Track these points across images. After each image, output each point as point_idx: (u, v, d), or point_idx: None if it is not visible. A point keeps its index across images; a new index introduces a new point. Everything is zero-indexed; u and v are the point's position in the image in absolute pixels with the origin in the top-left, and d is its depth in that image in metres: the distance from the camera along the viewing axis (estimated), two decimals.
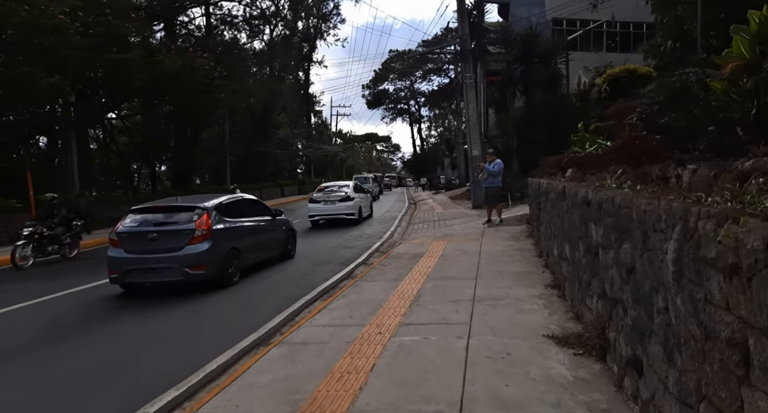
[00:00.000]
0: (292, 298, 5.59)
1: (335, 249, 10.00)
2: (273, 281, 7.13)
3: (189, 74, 15.40)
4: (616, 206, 2.55)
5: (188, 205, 6.95)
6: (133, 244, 6.47)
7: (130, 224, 6.68)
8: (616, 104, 8.78)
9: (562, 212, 4.70)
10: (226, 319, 5.20)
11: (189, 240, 6.40)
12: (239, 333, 4.19)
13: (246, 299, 6.14)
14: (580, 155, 6.14)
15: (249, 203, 8.44)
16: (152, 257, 6.34)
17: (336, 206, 14.33)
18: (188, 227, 6.47)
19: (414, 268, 6.86)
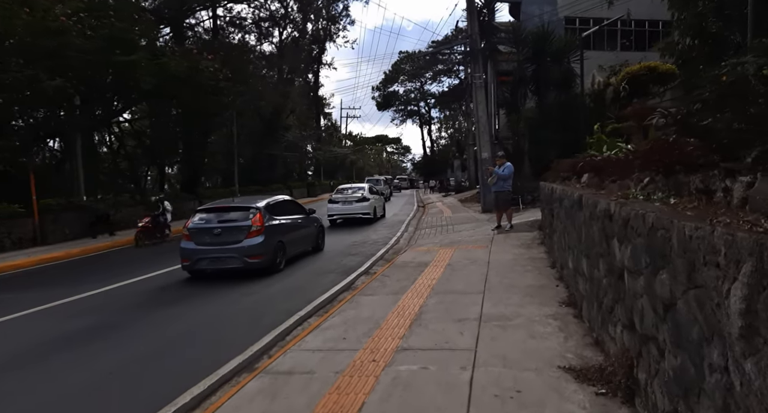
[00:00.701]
0: (290, 311, 5.22)
1: (338, 257, 9.61)
2: (270, 293, 6.77)
3: (194, 76, 15.18)
4: (649, 225, 2.11)
5: (244, 205, 8.24)
6: (202, 237, 7.76)
7: (198, 221, 8.03)
8: (635, 103, 8.30)
9: (579, 222, 4.25)
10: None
11: (247, 234, 7.68)
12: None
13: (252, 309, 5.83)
14: (597, 158, 5.67)
15: (289, 203, 9.71)
16: (218, 249, 7.68)
17: (353, 207, 15.53)
18: (246, 224, 7.78)
19: (418, 279, 6.43)
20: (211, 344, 4.61)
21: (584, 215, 3.94)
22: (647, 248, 2.16)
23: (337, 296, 6.14)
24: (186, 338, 4.89)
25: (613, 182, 4.06)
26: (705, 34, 15.25)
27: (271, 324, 4.78)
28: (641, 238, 2.27)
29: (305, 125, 46.49)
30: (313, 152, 47.46)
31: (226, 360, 3.78)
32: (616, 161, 4.41)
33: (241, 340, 4.31)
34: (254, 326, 4.88)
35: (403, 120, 65.90)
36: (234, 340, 4.44)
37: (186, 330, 5.14)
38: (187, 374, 3.61)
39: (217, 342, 4.66)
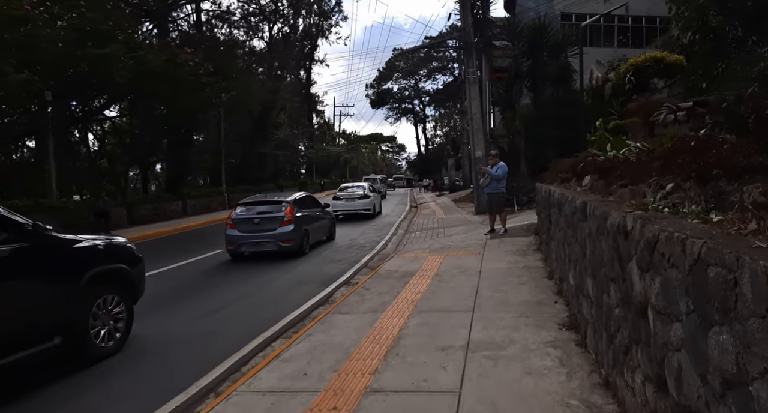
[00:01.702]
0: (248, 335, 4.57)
1: (321, 263, 8.97)
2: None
3: (173, 71, 14.43)
4: (693, 256, 1.48)
5: (276, 200, 10.04)
6: (244, 226, 9.47)
7: (240, 212, 9.78)
8: (638, 98, 7.71)
9: (583, 235, 3.62)
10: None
11: (280, 223, 9.36)
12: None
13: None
14: (600, 159, 5.06)
15: (309, 198, 11.25)
16: (257, 235, 9.36)
17: (356, 203, 17.13)
18: (279, 215, 9.45)
19: (401, 293, 5.79)
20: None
21: (590, 226, 3.31)
22: (690, 288, 1.53)
23: (310, 313, 5.49)
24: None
25: (623, 187, 3.43)
26: (706, 29, 14.64)
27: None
28: (678, 272, 1.63)
29: (297, 123, 45.75)
30: (305, 150, 46.72)
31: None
32: (626, 162, 3.79)
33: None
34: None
35: (397, 118, 65.38)
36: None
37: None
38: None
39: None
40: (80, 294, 4.11)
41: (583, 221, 3.60)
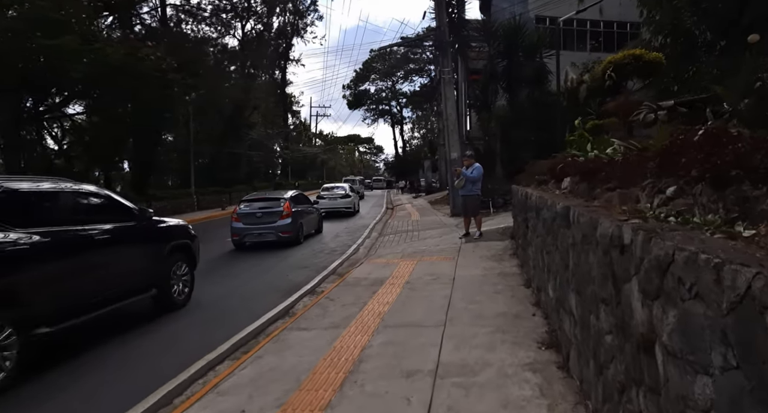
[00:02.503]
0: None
1: (287, 269, 8.41)
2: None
3: (134, 65, 13.57)
4: (740, 292, 1.04)
5: (275, 196, 11.46)
6: (247, 219, 10.77)
7: (244, 207, 11.07)
8: (617, 97, 7.48)
9: (565, 243, 3.22)
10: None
11: (280, 217, 10.67)
12: None
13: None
14: (581, 159, 4.70)
15: (302, 195, 12.81)
16: (259, 227, 10.66)
17: (338, 202, 18.84)
18: (279, 209, 10.75)
19: (368, 304, 5.31)
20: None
21: (573, 235, 2.91)
22: (732, 335, 1.09)
23: (266, 328, 4.94)
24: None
25: (610, 190, 3.04)
26: (677, 33, 14.73)
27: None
28: (706, 307, 1.20)
29: (272, 123, 44.74)
30: (281, 151, 45.74)
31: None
32: (611, 163, 3.40)
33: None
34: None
35: (374, 119, 64.89)
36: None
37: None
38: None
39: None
40: (165, 260, 5.81)
41: (566, 229, 3.19)
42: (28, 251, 3.96)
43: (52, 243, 4.23)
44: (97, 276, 4.76)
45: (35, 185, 4.50)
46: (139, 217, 5.56)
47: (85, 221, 4.79)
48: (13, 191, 4.19)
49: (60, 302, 4.28)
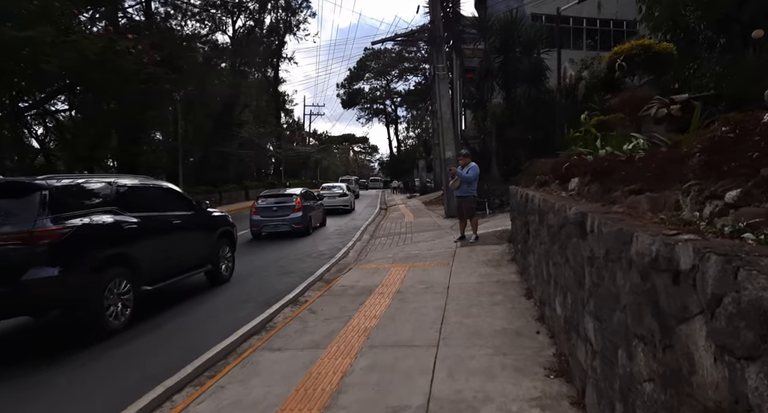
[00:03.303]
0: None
1: (270, 276, 7.88)
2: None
3: (112, 59, 12.94)
4: None
5: (288, 193, 13.09)
6: (264, 212, 12.31)
7: (261, 202, 12.61)
8: (624, 92, 7.01)
9: (579, 256, 2.72)
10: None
11: (293, 211, 12.27)
12: None
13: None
14: (588, 158, 4.22)
15: (310, 193, 14.51)
16: (275, 219, 12.22)
17: (336, 200, 20.05)
18: (292, 204, 12.39)
19: (353, 318, 4.79)
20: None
21: (591, 248, 2.41)
22: None
23: (239, 346, 4.41)
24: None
25: (635, 193, 2.54)
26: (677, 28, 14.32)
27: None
28: None
29: (264, 122, 44.07)
30: (273, 150, 45.07)
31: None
32: (631, 161, 2.91)
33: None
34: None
35: (369, 119, 64.44)
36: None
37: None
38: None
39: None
40: (215, 242, 7.10)
41: (579, 239, 2.70)
42: (135, 229, 5.37)
43: (147, 224, 5.57)
44: (175, 251, 6.14)
45: (132, 181, 5.87)
46: (197, 208, 6.95)
47: (162, 208, 6.11)
48: (120, 185, 5.56)
49: (154, 268, 5.62)
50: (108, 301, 4.86)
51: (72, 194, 4.95)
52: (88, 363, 4.16)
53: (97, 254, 4.81)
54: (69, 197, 4.84)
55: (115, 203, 5.29)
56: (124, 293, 5.06)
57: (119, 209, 5.27)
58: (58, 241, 4.43)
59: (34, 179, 4.70)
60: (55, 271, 4.34)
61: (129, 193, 5.60)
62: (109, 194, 5.33)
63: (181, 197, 6.81)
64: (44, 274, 4.28)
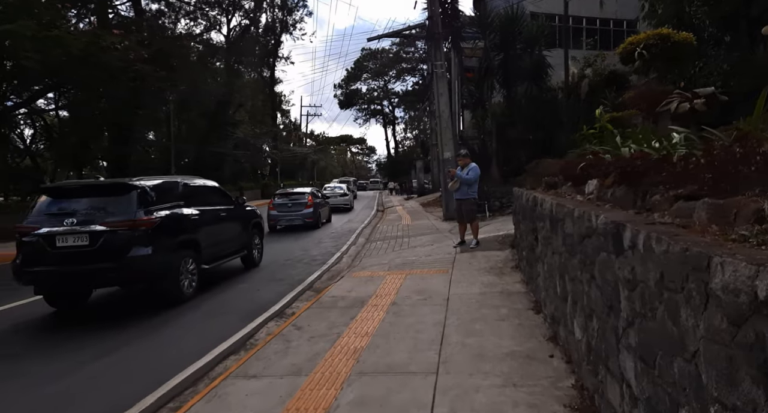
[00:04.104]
0: None
1: (257, 283, 7.37)
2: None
3: (97, 55, 12.40)
4: None
5: (300, 192, 15.03)
6: (280, 208, 14.28)
7: (278, 200, 14.58)
8: (639, 86, 6.54)
9: (611, 276, 2.22)
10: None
11: (305, 207, 14.19)
12: None
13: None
14: (606, 157, 3.74)
15: (318, 192, 17.17)
16: (289, 214, 14.15)
17: (338, 199, 21.93)
18: (304, 201, 14.32)
19: (342, 336, 4.28)
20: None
21: (633, 269, 1.91)
22: None
23: (211, 369, 3.89)
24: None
25: (683, 198, 2.05)
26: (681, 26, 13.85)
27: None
28: None
29: (260, 123, 43.52)
30: (269, 151, 44.48)
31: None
32: (667, 160, 2.42)
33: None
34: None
35: (366, 119, 63.92)
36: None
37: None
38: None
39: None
40: (249, 231, 8.40)
41: (612, 255, 2.20)
42: (197, 220, 6.59)
43: (204, 215, 6.78)
44: (222, 238, 7.36)
45: (192, 180, 7.18)
46: (236, 203, 8.16)
47: (212, 203, 7.28)
48: (185, 184, 6.79)
49: (210, 251, 6.87)
50: (182, 275, 6.14)
51: (155, 191, 6.02)
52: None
53: (175, 239, 6.14)
54: (154, 194, 5.95)
55: (182, 198, 6.49)
56: (191, 270, 6.37)
57: (186, 203, 6.49)
58: (151, 228, 5.68)
59: (130, 180, 5.89)
60: (149, 250, 5.58)
61: (191, 190, 6.84)
62: (178, 192, 6.52)
63: (224, 193, 8.10)
64: (142, 252, 5.52)
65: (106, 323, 5.47)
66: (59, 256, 5.41)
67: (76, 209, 5.60)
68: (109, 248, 5.39)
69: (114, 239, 5.42)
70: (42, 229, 5.49)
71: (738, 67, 11.89)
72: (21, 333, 5.30)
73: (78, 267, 5.42)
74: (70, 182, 7.65)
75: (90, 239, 5.39)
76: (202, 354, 4.13)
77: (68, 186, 6.33)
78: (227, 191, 8.29)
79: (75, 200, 5.74)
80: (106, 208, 5.63)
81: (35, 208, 5.75)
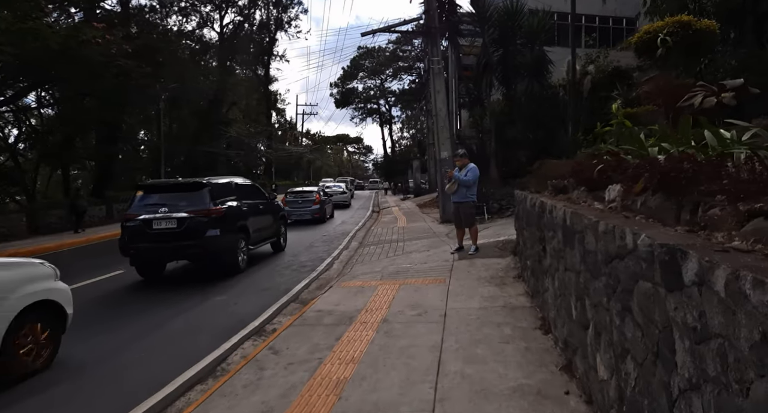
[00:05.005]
0: None
1: (240, 294, 6.81)
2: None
3: (77, 49, 11.79)
4: None
5: (309, 190, 17.52)
6: (292, 205, 16.12)
7: (290, 197, 16.60)
8: (655, 78, 6.03)
9: (662, 318, 1.69)
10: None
11: (313, 203, 16.27)
12: None
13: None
14: (629, 158, 3.23)
15: (323, 190, 19.72)
16: (300, 209, 16.16)
17: (338, 197, 23.84)
18: (312, 198, 16.42)
19: (324, 363, 3.74)
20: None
21: (702, 314, 1.38)
22: None
23: (170, 404, 3.34)
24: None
25: (763, 216, 1.52)
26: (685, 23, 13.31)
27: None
28: None
29: (255, 122, 42.83)
30: (264, 150, 43.77)
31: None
32: (717, 164, 1.89)
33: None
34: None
35: (362, 118, 63.25)
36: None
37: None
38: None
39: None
40: (278, 222, 10.34)
41: (663, 290, 1.66)
42: (246, 210, 8.44)
43: (250, 207, 8.63)
44: (262, 226, 9.14)
45: (240, 179, 9.28)
46: (269, 197, 10.07)
47: (253, 197, 9.05)
48: (236, 183, 8.83)
49: (254, 235, 8.65)
50: (239, 252, 8.00)
51: (219, 188, 7.95)
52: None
53: (235, 224, 7.97)
54: (218, 190, 7.83)
55: (235, 193, 8.34)
56: (243, 249, 8.17)
57: (237, 197, 8.29)
58: (220, 216, 7.49)
59: (203, 180, 7.77)
60: (218, 232, 7.37)
61: (240, 188, 8.78)
62: (232, 189, 8.44)
63: (260, 190, 10.01)
64: (214, 233, 7.32)
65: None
66: (155, 235, 7.26)
67: (165, 201, 7.43)
68: (191, 229, 7.22)
69: (194, 223, 7.24)
70: (142, 216, 7.30)
71: (746, 64, 11.42)
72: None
73: (169, 244, 7.29)
74: (159, 181, 9.49)
75: (177, 223, 7.24)
76: (167, 380, 3.61)
77: (158, 184, 8.49)
78: (262, 188, 10.43)
79: (164, 195, 7.63)
80: (187, 200, 7.41)
81: (134, 201, 7.58)
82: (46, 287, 4.10)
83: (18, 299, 3.75)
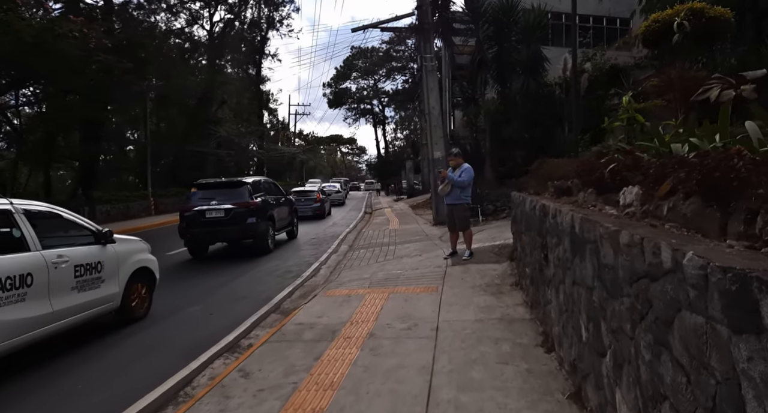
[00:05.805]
0: None
1: (215, 304, 6.33)
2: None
3: (53, 43, 11.23)
4: None
5: (311, 189, 20.65)
6: (296, 203, 14.71)
7: (294, 196, 15.74)
8: (665, 70, 5.63)
9: (724, 364, 1.25)
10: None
11: (315, 201, 18.76)
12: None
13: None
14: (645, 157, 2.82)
15: (323, 189, 23.27)
16: (302, 207, 16.81)
17: (334, 196, 26.00)
18: (314, 196, 18.97)
19: (299, 389, 3.28)
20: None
21: None
22: None
23: None
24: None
25: None
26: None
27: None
28: None
29: (247, 121, 42.19)
30: (256, 150, 43.14)
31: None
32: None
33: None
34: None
35: (356, 119, 62.79)
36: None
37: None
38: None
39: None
40: (293, 214, 12.58)
41: (726, 329, 1.24)
42: (272, 203, 10.65)
43: (274, 201, 10.83)
44: (282, 217, 11.22)
45: (264, 178, 11.95)
46: (285, 194, 12.22)
47: (274, 193, 11.16)
48: (264, 180, 11.44)
49: (278, 224, 10.83)
50: (269, 237, 10.09)
51: (254, 185, 10.12)
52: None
53: (266, 214, 10.02)
54: (253, 187, 10.02)
55: (263, 189, 10.47)
56: (272, 235, 10.29)
57: (265, 193, 10.44)
58: (256, 207, 9.64)
59: (243, 179, 10.27)
60: (255, 220, 9.53)
61: (266, 185, 10.98)
62: (261, 186, 10.58)
63: (280, 188, 12.08)
64: (252, 221, 9.49)
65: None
66: (207, 222, 9.41)
67: (215, 196, 9.59)
68: (235, 218, 9.34)
69: (238, 212, 9.34)
70: (197, 207, 9.50)
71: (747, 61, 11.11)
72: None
73: (218, 229, 9.46)
74: (209, 180, 10.71)
75: (225, 213, 9.34)
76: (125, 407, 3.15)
77: (209, 182, 10.29)
78: (279, 185, 12.38)
79: (213, 190, 9.80)
80: (231, 194, 9.55)
81: (191, 196, 9.85)
82: (145, 258, 5.67)
83: (132, 264, 5.35)
